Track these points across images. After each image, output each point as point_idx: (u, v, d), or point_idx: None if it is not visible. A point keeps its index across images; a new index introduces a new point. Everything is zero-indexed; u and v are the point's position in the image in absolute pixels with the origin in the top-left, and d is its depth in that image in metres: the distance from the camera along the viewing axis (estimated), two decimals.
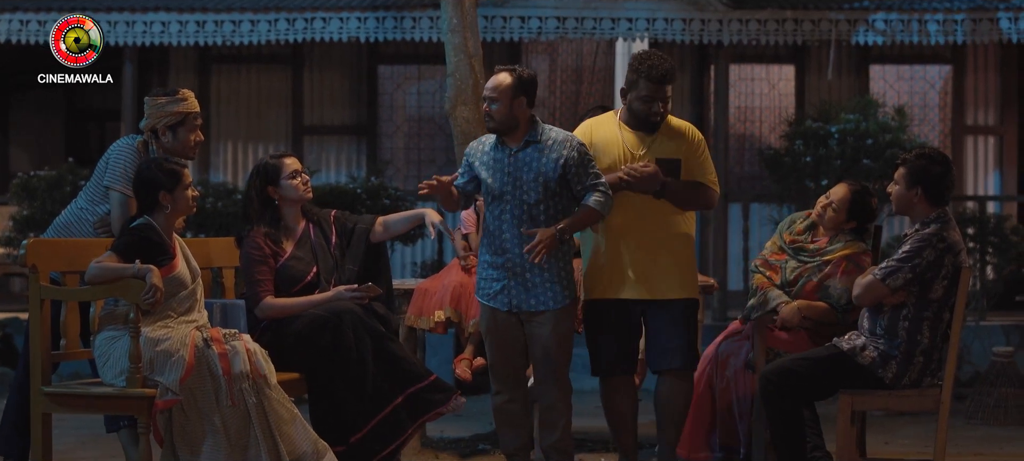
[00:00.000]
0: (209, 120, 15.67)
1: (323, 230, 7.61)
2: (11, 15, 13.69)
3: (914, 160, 7.04)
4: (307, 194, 7.55)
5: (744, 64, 15.73)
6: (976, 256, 13.25)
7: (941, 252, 6.87)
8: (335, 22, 13.74)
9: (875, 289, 6.90)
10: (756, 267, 7.64)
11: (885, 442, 9.38)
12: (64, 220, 7.55)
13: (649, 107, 7.23)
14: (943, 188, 7.00)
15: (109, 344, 6.69)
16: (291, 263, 7.43)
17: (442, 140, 15.61)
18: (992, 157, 15.91)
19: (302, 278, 7.41)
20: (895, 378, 6.92)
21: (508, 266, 7.19)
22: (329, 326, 7.15)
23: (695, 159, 7.30)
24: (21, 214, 13.18)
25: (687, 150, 7.30)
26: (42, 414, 6.77)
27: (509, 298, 7.21)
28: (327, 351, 7.13)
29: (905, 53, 15.58)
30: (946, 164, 7.05)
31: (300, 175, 7.51)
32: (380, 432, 7.17)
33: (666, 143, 7.28)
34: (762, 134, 15.78)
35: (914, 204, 7.00)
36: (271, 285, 7.35)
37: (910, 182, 6.99)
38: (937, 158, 7.05)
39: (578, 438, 8.49)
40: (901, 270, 6.85)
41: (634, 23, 13.64)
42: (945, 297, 6.93)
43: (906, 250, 6.88)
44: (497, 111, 7.14)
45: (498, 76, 7.19)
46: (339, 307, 7.22)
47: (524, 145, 7.18)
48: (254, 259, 7.37)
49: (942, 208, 7.00)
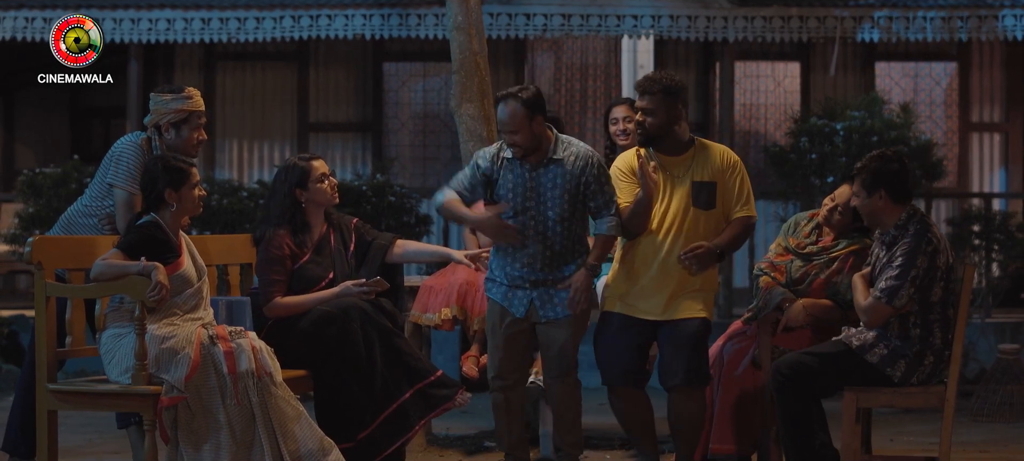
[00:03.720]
0: (214, 117, 15.66)
1: (343, 236, 7.61)
2: (16, 12, 13.68)
3: (866, 167, 7.05)
4: (334, 199, 7.55)
5: (749, 61, 15.71)
6: (982, 253, 13.24)
7: (932, 255, 6.90)
8: (340, 19, 13.73)
9: (881, 311, 6.91)
10: (761, 270, 7.64)
11: (890, 439, 9.38)
12: (68, 217, 7.56)
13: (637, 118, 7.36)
14: (905, 183, 7.02)
15: (114, 341, 6.69)
16: (309, 266, 7.42)
17: (447, 137, 15.60)
18: (998, 154, 15.89)
19: (318, 282, 7.40)
20: (904, 377, 6.93)
21: (530, 279, 7.22)
22: (336, 321, 7.15)
23: (730, 183, 7.29)
24: (26, 211, 13.17)
25: (721, 174, 7.28)
26: (48, 411, 6.78)
27: (528, 306, 7.24)
28: (334, 346, 7.13)
29: (910, 50, 15.56)
30: (900, 159, 7.08)
31: (328, 179, 7.51)
32: (387, 428, 7.18)
33: (701, 167, 7.29)
34: (767, 131, 15.77)
35: (880, 210, 7.02)
36: (284, 287, 7.34)
37: (870, 188, 7.01)
38: (889, 156, 7.09)
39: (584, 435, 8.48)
40: (902, 287, 6.86)
41: (639, 20, 13.64)
42: (945, 296, 6.95)
43: (899, 264, 6.88)
44: (521, 140, 7.16)
45: (508, 107, 7.15)
46: (346, 303, 7.23)
47: (546, 163, 7.19)
48: (273, 258, 7.35)
49: (910, 205, 7.02)
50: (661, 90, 7.22)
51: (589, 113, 15.65)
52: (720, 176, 7.28)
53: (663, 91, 7.22)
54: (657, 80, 7.27)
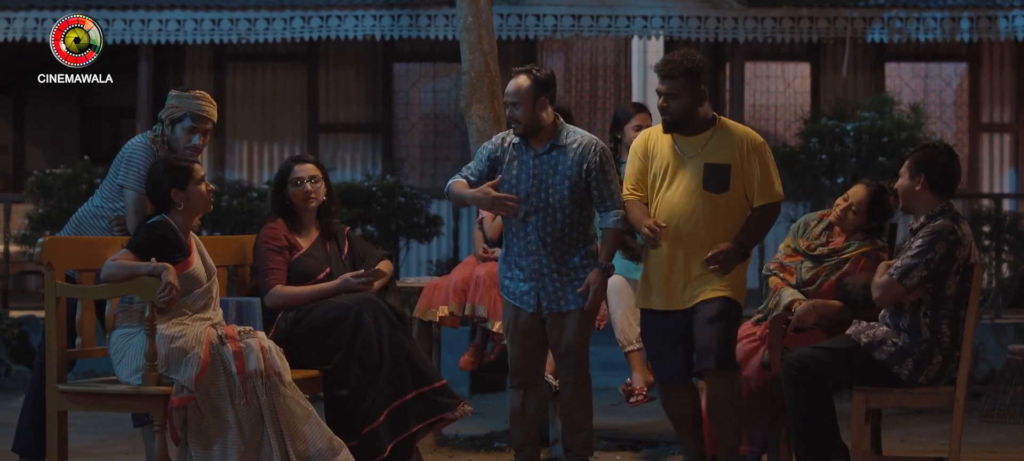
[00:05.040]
0: (225, 118, 15.68)
1: (337, 241, 7.69)
2: (26, 13, 13.70)
3: (919, 151, 7.10)
4: (306, 204, 7.59)
5: (759, 62, 15.71)
6: (992, 254, 13.22)
7: (952, 244, 6.89)
8: (350, 20, 13.75)
9: (893, 289, 6.90)
10: (770, 270, 7.63)
11: (901, 440, 9.37)
12: (79, 218, 7.58)
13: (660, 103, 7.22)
14: (947, 177, 7.02)
15: (124, 341, 6.70)
16: (305, 259, 7.51)
17: (457, 138, 15.61)
18: (1008, 154, 15.87)
19: (315, 275, 7.47)
20: (911, 376, 6.93)
21: (536, 268, 7.23)
22: (350, 312, 7.21)
23: (748, 166, 7.13)
24: (37, 212, 13.19)
25: (739, 156, 7.12)
26: (58, 412, 6.78)
27: (537, 299, 7.25)
28: (347, 336, 7.18)
29: (921, 51, 15.54)
30: (951, 154, 7.09)
31: (305, 184, 7.53)
32: (391, 423, 7.20)
33: (717, 148, 7.13)
34: (777, 132, 15.75)
35: (918, 195, 7.02)
36: (283, 275, 7.42)
37: (913, 172, 7.03)
38: (942, 148, 7.12)
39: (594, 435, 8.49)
40: (916, 267, 6.85)
41: (649, 21, 13.63)
42: (959, 293, 6.94)
43: (918, 245, 6.89)
44: (521, 115, 7.17)
45: (517, 80, 7.19)
46: (359, 296, 7.29)
47: (549, 148, 7.20)
48: (270, 248, 7.45)
49: (947, 201, 7.02)
50: (683, 73, 7.08)
51: (599, 114, 15.65)
52: (737, 158, 7.11)
53: (685, 74, 7.08)
54: (678, 63, 7.10)
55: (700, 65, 7.11)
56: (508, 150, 7.30)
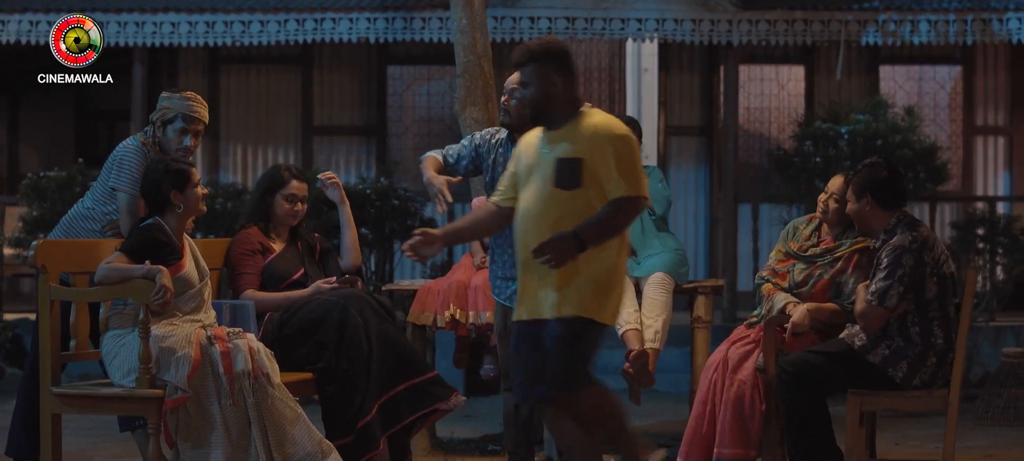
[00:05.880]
0: (218, 121, 15.69)
1: (308, 242, 7.77)
2: (20, 16, 13.70)
3: (858, 174, 7.18)
4: (291, 221, 7.68)
5: (754, 65, 15.72)
6: (986, 257, 13.23)
7: (917, 252, 6.93)
8: (344, 23, 13.75)
9: (876, 314, 6.95)
10: (763, 278, 7.63)
11: (895, 443, 9.37)
12: (69, 219, 7.55)
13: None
14: (892, 190, 7.11)
15: (115, 342, 6.70)
16: (278, 261, 7.57)
17: (452, 140, 15.49)
18: (1002, 157, 15.89)
19: (289, 276, 7.54)
20: (905, 378, 6.94)
21: None
22: (336, 309, 7.23)
23: (602, 157, 6.11)
24: (31, 215, 13.18)
25: (591, 150, 6.12)
26: (52, 415, 6.77)
27: None
28: (334, 333, 7.19)
29: (915, 53, 15.55)
30: (891, 168, 7.18)
31: (297, 203, 7.60)
32: (383, 416, 7.19)
33: (572, 141, 6.17)
34: (771, 135, 15.77)
35: (869, 215, 7.12)
36: (255, 279, 7.49)
37: (859, 194, 7.13)
38: (879, 164, 7.20)
39: None
40: (891, 287, 6.90)
41: (643, 24, 13.64)
42: (941, 293, 6.97)
43: (886, 265, 6.95)
44: (515, 107, 7.14)
45: (515, 77, 7.18)
46: (344, 292, 7.34)
47: None
48: (243, 252, 7.52)
49: (900, 210, 7.08)
50: (531, 58, 6.26)
51: None
52: (589, 151, 6.12)
53: (533, 58, 6.25)
54: (526, 48, 6.29)
55: (553, 50, 6.26)
56: (496, 147, 7.29)
